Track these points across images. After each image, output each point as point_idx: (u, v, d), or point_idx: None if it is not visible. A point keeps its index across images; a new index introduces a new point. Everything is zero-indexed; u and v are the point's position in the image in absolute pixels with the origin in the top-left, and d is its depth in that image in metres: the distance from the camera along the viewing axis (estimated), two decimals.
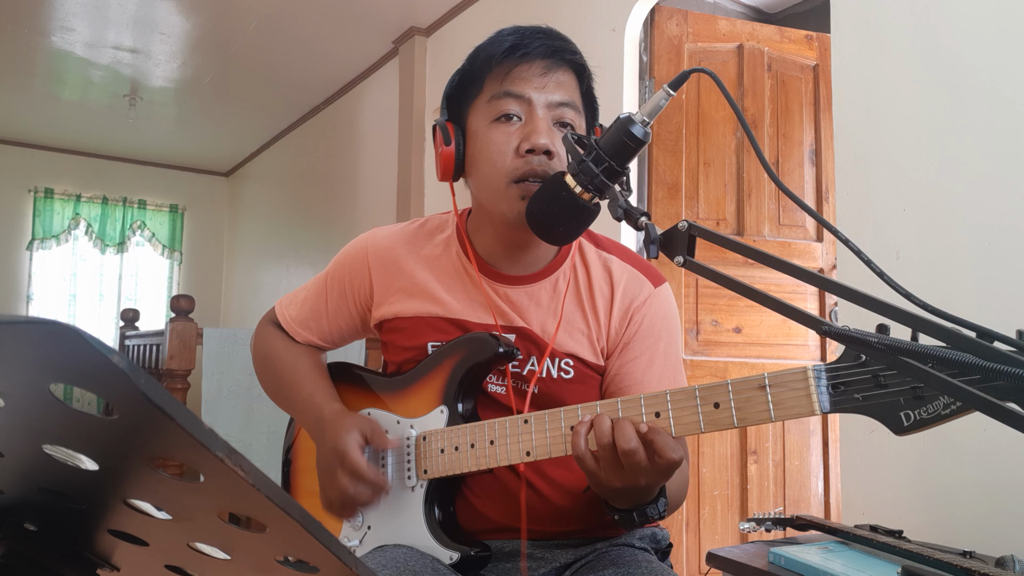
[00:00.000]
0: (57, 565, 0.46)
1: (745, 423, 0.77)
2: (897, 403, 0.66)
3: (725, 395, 0.77)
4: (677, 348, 1.09)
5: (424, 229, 1.13)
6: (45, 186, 6.54)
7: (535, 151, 0.97)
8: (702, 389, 0.79)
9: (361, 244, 1.14)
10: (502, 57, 1.00)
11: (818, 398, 0.71)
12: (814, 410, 0.71)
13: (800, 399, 0.72)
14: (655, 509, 0.87)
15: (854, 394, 0.69)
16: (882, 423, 0.67)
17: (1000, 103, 1.55)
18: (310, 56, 4.51)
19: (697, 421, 0.79)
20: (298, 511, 0.36)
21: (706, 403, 0.78)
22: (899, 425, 0.66)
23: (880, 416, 0.67)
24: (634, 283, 1.07)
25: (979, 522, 1.49)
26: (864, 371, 0.68)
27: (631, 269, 1.08)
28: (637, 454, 0.78)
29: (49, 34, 4.29)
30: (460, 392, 0.99)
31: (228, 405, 2.98)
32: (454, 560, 0.95)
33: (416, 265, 1.09)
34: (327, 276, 1.16)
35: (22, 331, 0.32)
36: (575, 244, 1.09)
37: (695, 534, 2.69)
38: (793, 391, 0.73)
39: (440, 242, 1.10)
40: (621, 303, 1.05)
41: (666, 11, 2.89)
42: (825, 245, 2.93)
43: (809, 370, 0.72)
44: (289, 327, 1.17)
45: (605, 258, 1.09)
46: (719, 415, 0.77)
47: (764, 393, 0.74)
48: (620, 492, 0.83)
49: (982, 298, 1.54)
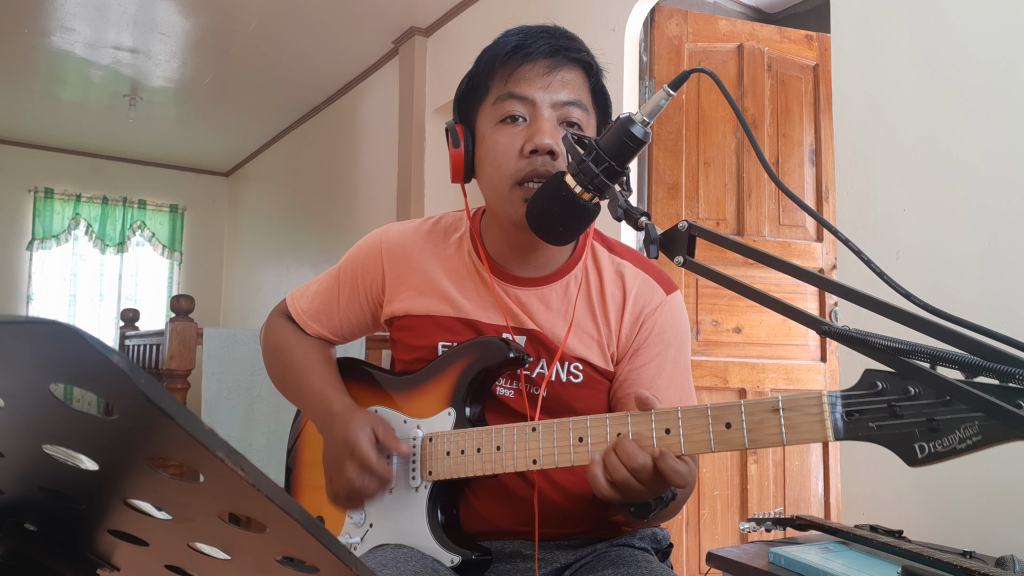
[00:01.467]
0: (57, 565, 0.46)
1: (756, 445, 0.76)
2: (912, 434, 0.65)
3: (737, 416, 0.76)
4: (687, 356, 1.08)
5: (438, 227, 1.13)
6: (45, 186, 6.54)
7: (539, 151, 0.96)
8: (714, 408, 0.78)
9: (375, 239, 1.13)
10: (505, 58, 1.00)
11: (832, 425, 0.70)
12: (827, 436, 0.70)
13: (813, 424, 0.71)
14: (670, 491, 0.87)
15: (868, 423, 0.68)
16: (896, 454, 0.66)
17: (1000, 103, 1.55)
18: (310, 56, 4.51)
19: (708, 440, 0.78)
20: (298, 511, 0.36)
21: (718, 423, 0.77)
22: (913, 457, 0.65)
23: (894, 447, 0.66)
24: (646, 289, 1.06)
25: (979, 522, 1.49)
26: (880, 400, 0.67)
27: (644, 275, 1.07)
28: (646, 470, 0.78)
29: (49, 34, 4.29)
30: (469, 395, 0.99)
31: (228, 405, 2.98)
32: (455, 563, 0.95)
33: (429, 263, 1.09)
34: (340, 270, 1.16)
35: (22, 331, 0.32)
36: (588, 248, 1.08)
37: (695, 534, 2.69)
38: (806, 416, 0.72)
39: (453, 241, 1.10)
40: (633, 309, 1.05)
41: (666, 11, 2.88)
42: (825, 245, 2.93)
43: (824, 396, 0.71)
44: (300, 319, 1.17)
45: (618, 263, 1.08)
46: (730, 435, 0.77)
47: (777, 416, 0.74)
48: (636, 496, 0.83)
49: (982, 298, 1.54)
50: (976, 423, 0.62)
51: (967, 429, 0.62)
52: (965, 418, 0.62)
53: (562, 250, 1.07)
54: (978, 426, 0.62)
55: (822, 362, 2.91)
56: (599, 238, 1.12)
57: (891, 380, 0.67)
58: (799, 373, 2.87)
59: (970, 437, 0.62)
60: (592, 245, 1.09)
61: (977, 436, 0.62)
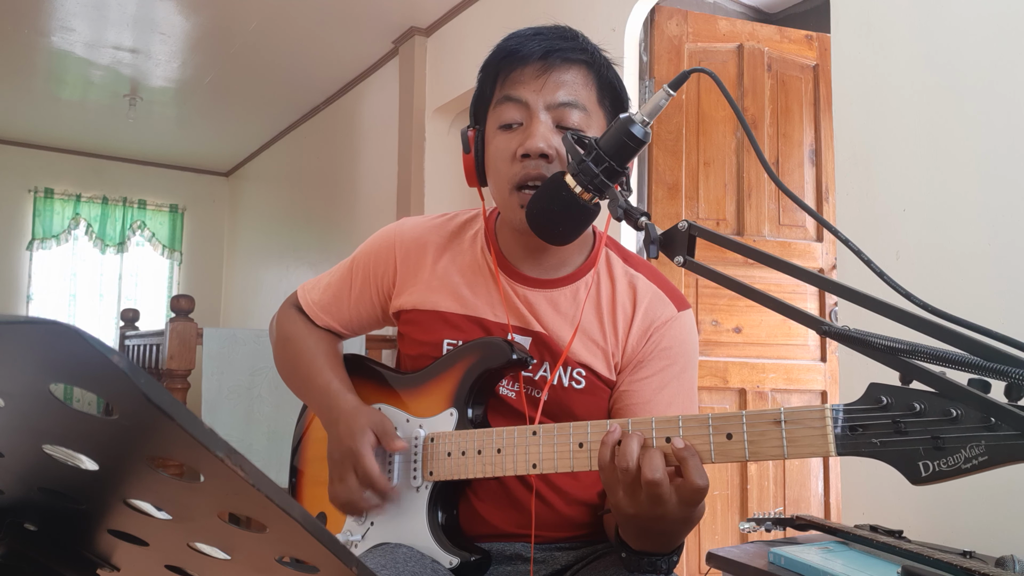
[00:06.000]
0: (57, 565, 0.46)
1: (757, 457, 0.74)
2: (916, 452, 0.64)
3: (739, 427, 0.75)
4: (692, 376, 1.06)
5: (453, 223, 1.13)
6: (45, 186, 6.54)
7: (530, 156, 0.96)
8: (715, 418, 0.77)
9: (389, 233, 1.13)
10: (499, 62, 1.00)
11: (834, 439, 0.69)
12: (829, 451, 0.69)
13: (816, 438, 0.70)
14: (667, 561, 0.85)
15: (872, 438, 0.67)
16: (899, 471, 0.65)
17: (1000, 103, 1.55)
18: (310, 56, 4.51)
19: (708, 450, 0.76)
20: (298, 511, 0.36)
21: (719, 433, 0.76)
22: (916, 475, 0.64)
23: (897, 463, 0.65)
24: (657, 303, 1.05)
25: (979, 522, 1.49)
26: (884, 415, 0.66)
27: (656, 290, 1.06)
28: (662, 486, 0.75)
29: (49, 34, 4.29)
30: (471, 396, 0.99)
31: (228, 405, 2.98)
32: (454, 565, 0.95)
33: (441, 259, 1.09)
34: (352, 262, 1.16)
35: (22, 331, 0.32)
36: (602, 255, 1.08)
37: (695, 534, 2.69)
38: (809, 429, 0.71)
39: (468, 238, 1.10)
40: (642, 322, 1.04)
41: (666, 11, 2.88)
42: (825, 245, 2.93)
43: (827, 410, 0.70)
44: (311, 311, 1.17)
45: (632, 275, 1.07)
46: (731, 446, 0.75)
47: (779, 428, 0.72)
48: (636, 522, 0.80)
49: (982, 298, 1.54)
50: (983, 443, 0.60)
51: (973, 448, 0.61)
52: (971, 437, 0.61)
53: (574, 254, 1.06)
54: (984, 446, 0.60)
55: (822, 362, 2.91)
56: (614, 247, 1.11)
57: (896, 395, 0.65)
58: (799, 373, 2.87)
59: (976, 457, 0.61)
60: (607, 253, 1.09)
61: (983, 456, 0.60)
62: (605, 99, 1.02)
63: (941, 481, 0.63)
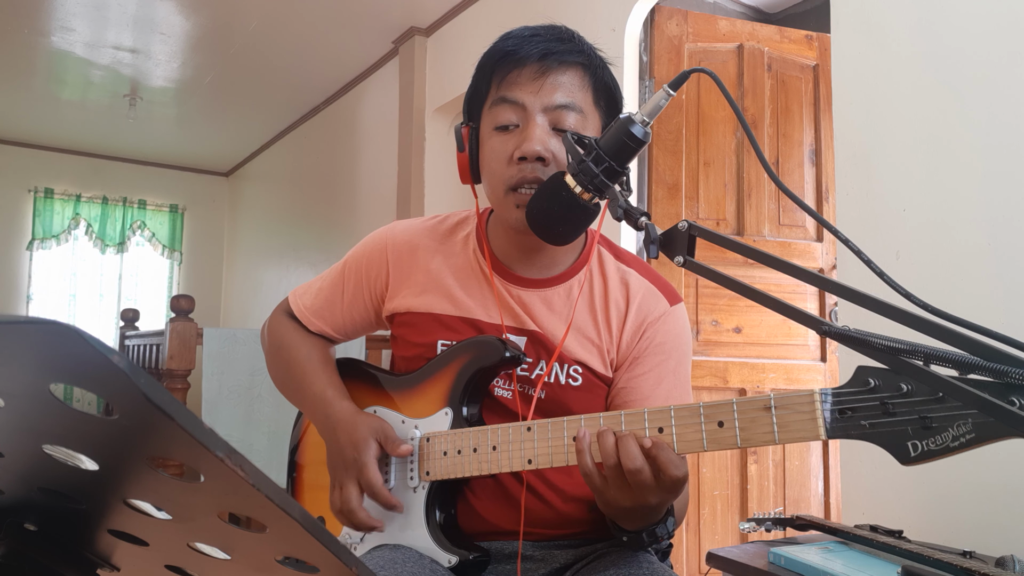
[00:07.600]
0: (57, 565, 0.46)
1: (749, 444, 0.75)
2: (905, 432, 0.65)
3: (730, 414, 0.76)
4: (687, 368, 1.08)
5: (445, 225, 1.13)
6: (45, 186, 6.54)
7: (527, 159, 0.96)
8: (707, 407, 0.78)
9: (381, 237, 1.13)
10: (495, 63, 1.00)
11: (823, 423, 0.70)
12: (819, 435, 0.70)
13: (805, 423, 0.71)
14: (664, 528, 0.86)
15: (860, 420, 0.67)
16: (888, 452, 0.66)
17: (1000, 102, 1.55)
18: (310, 56, 4.51)
19: (700, 439, 0.78)
20: (298, 511, 0.36)
21: (710, 421, 0.77)
22: (905, 455, 0.65)
23: (886, 444, 0.66)
24: (650, 299, 1.06)
25: (979, 522, 1.49)
26: (872, 397, 0.67)
27: (649, 285, 1.07)
28: (643, 472, 0.77)
29: (49, 34, 4.29)
30: (465, 395, 0.99)
31: (228, 405, 2.98)
32: (452, 564, 0.95)
33: (433, 260, 1.08)
34: (344, 267, 1.16)
35: (22, 331, 0.32)
36: (595, 253, 1.08)
37: (695, 534, 2.69)
38: (798, 414, 0.72)
39: (460, 239, 1.10)
40: (635, 318, 1.04)
41: (666, 11, 2.89)
42: (825, 245, 2.93)
43: (816, 393, 0.71)
44: (303, 316, 1.17)
45: (624, 271, 1.08)
46: (722, 434, 0.76)
47: (769, 414, 0.73)
48: (629, 511, 0.83)
49: (982, 298, 1.54)
50: (970, 421, 0.61)
51: (961, 427, 0.62)
52: (959, 416, 0.62)
53: (567, 252, 1.06)
54: (971, 424, 0.61)
55: (822, 362, 2.91)
56: (606, 244, 1.11)
57: (884, 377, 0.67)
58: (799, 373, 2.87)
59: (964, 435, 0.62)
60: (599, 250, 1.09)
61: (971, 434, 0.62)
62: (601, 100, 1.03)
63: (930, 460, 0.64)
